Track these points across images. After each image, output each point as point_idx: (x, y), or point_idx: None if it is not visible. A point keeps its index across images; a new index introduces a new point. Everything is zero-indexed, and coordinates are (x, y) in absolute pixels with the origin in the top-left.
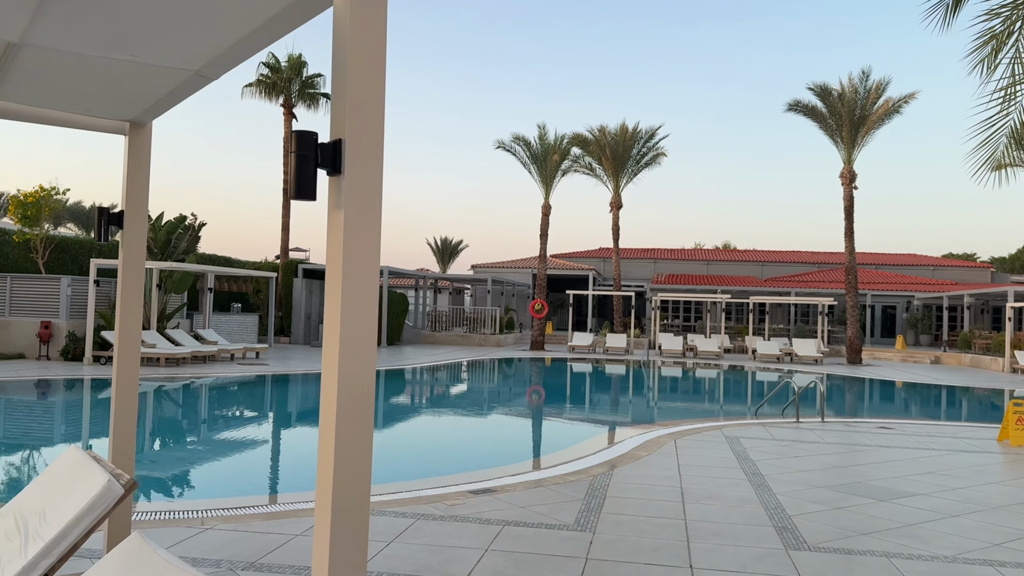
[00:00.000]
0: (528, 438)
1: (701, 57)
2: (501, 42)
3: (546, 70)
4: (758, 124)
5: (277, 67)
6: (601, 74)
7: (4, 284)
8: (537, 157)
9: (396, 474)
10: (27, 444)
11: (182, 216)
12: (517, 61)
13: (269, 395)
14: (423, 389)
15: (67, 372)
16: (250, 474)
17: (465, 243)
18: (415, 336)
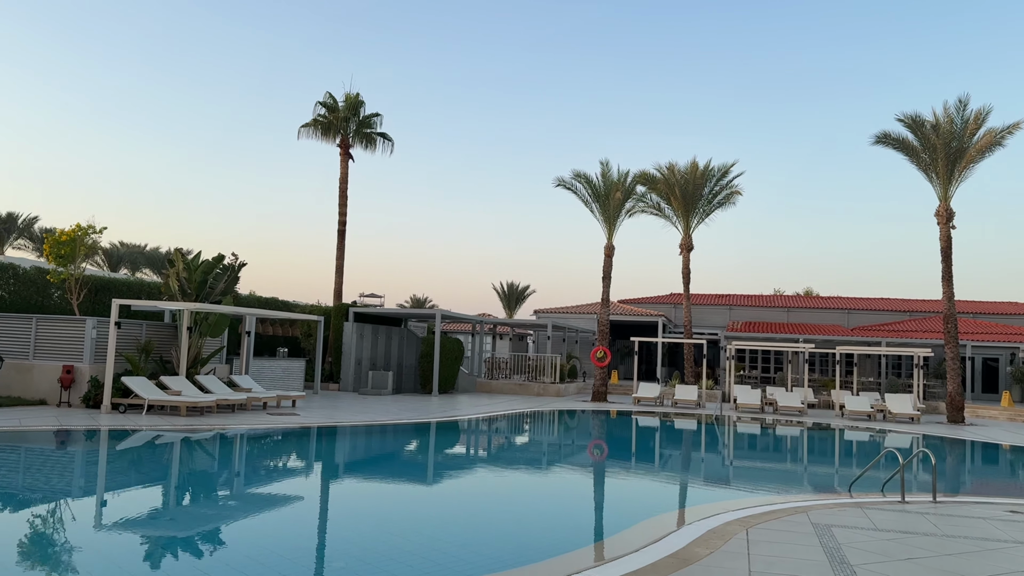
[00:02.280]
0: (573, 514)
1: (776, 89)
2: (560, 76)
3: (611, 105)
4: (842, 160)
5: (334, 106)
6: (669, 111)
7: (29, 325)
8: (599, 195)
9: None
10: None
11: (220, 255)
12: (580, 95)
13: (277, 454)
14: (469, 447)
15: (76, 421)
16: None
17: (532, 288)
18: (470, 384)
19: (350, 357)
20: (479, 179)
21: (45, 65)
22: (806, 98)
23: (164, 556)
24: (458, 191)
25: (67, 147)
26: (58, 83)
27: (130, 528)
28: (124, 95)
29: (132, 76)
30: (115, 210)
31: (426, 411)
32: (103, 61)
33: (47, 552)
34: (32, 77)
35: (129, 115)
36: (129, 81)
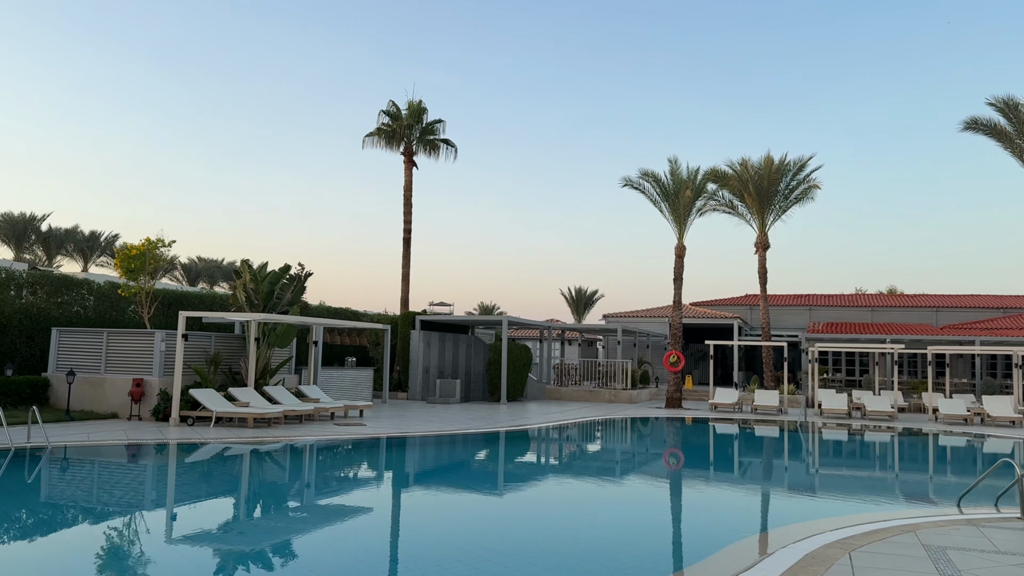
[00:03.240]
0: (649, 537)
1: (854, 74)
2: (623, 76)
3: (677, 103)
4: (925, 149)
5: (397, 115)
6: (739, 107)
7: (100, 339)
8: (668, 194)
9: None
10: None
11: (287, 266)
12: (644, 94)
13: (342, 465)
14: (538, 457)
15: (143, 435)
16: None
17: (600, 292)
18: (539, 391)
19: (418, 365)
20: (544, 183)
21: (125, 89)
22: (884, 87)
23: (235, 569)
24: (523, 196)
25: (144, 167)
26: (138, 107)
27: (200, 541)
28: (195, 115)
29: (201, 95)
30: (191, 226)
31: (494, 420)
32: (173, 83)
33: (120, 566)
34: (113, 101)
35: (202, 133)
36: (199, 101)
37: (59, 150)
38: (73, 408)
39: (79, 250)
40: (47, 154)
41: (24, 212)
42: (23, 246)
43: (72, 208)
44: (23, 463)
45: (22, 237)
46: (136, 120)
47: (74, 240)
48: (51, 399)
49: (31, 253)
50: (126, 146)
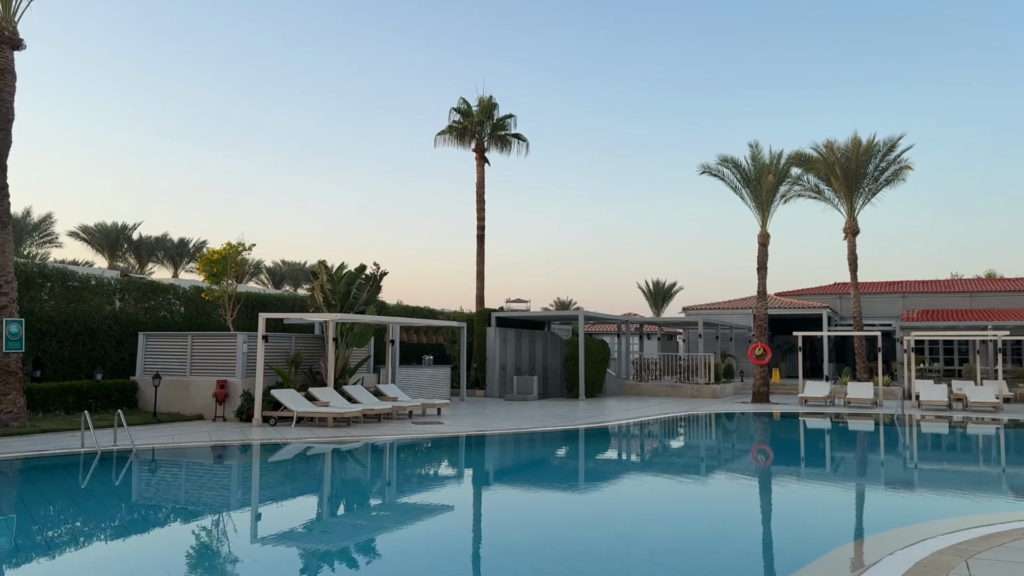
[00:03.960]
0: (738, 542)
1: (945, 49)
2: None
3: (755, 86)
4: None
5: (468, 111)
6: (821, 87)
7: (185, 343)
8: (749, 180)
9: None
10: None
11: (362, 266)
12: (722, 79)
13: (419, 464)
14: (619, 455)
15: (226, 436)
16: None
17: (679, 285)
18: (618, 386)
19: (494, 363)
20: (619, 174)
21: (202, 103)
22: (978, 61)
23: (320, 568)
24: (597, 188)
25: (226, 175)
26: (216, 120)
27: (285, 541)
28: (271, 123)
29: (274, 102)
30: (275, 231)
31: (573, 417)
32: (247, 93)
33: (207, 566)
34: (192, 114)
35: (278, 140)
36: (273, 108)
37: (148, 162)
38: (160, 410)
39: (169, 257)
40: (137, 166)
41: (116, 222)
42: (116, 254)
43: (161, 217)
44: (109, 466)
45: (115, 246)
46: (216, 132)
47: (164, 247)
48: (139, 402)
49: (124, 261)
50: (209, 156)
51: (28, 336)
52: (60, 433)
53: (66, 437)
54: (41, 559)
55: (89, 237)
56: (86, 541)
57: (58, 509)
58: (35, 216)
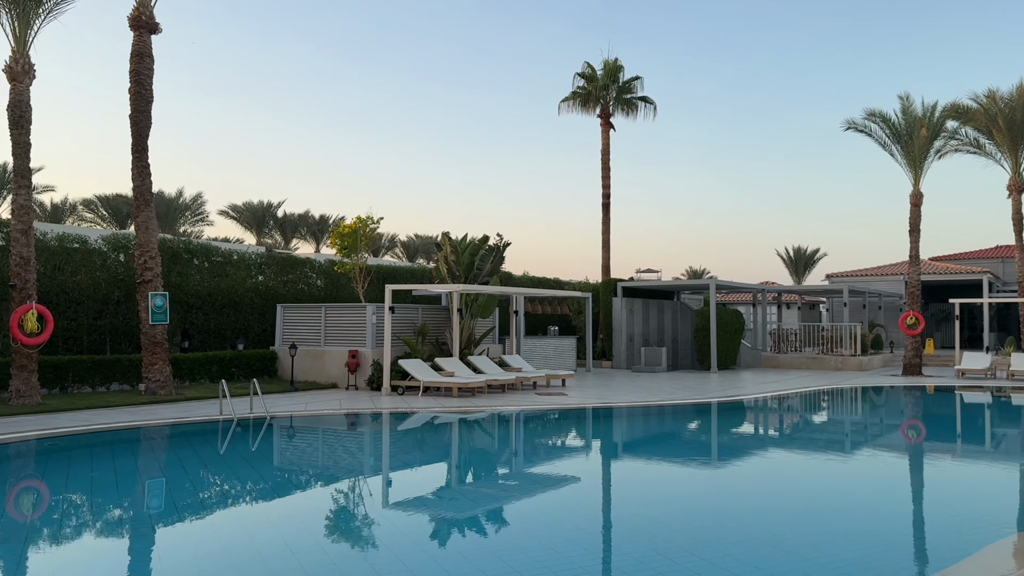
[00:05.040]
0: (884, 528)
1: None
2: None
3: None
4: None
5: (592, 76)
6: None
7: (319, 314)
8: (900, 135)
9: None
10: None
11: (485, 237)
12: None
13: (543, 435)
14: (754, 430)
15: (355, 404)
16: None
17: (822, 251)
18: (754, 358)
19: (621, 334)
20: (753, 136)
21: (338, 81)
22: None
23: (449, 534)
24: (731, 151)
25: (360, 152)
26: (351, 97)
27: (415, 507)
28: (399, 98)
29: (402, 79)
30: (408, 206)
31: (704, 390)
32: (374, 71)
33: (345, 526)
34: (328, 92)
35: (406, 113)
36: (401, 84)
37: (291, 140)
38: (297, 379)
39: (311, 232)
40: (280, 145)
41: (262, 200)
42: (263, 231)
43: (304, 195)
44: (246, 433)
45: (262, 223)
46: (351, 110)
47: (306, 224)
48: (278, 371)
49: (270, 237)
50: (347, 134)
51: (176, 309)
52: (203, 401)
53: (208, 405)
54: (179, 520)
55: (238, 215)
56: (222, 504)
57: (195, 473)
58: (187, 196)
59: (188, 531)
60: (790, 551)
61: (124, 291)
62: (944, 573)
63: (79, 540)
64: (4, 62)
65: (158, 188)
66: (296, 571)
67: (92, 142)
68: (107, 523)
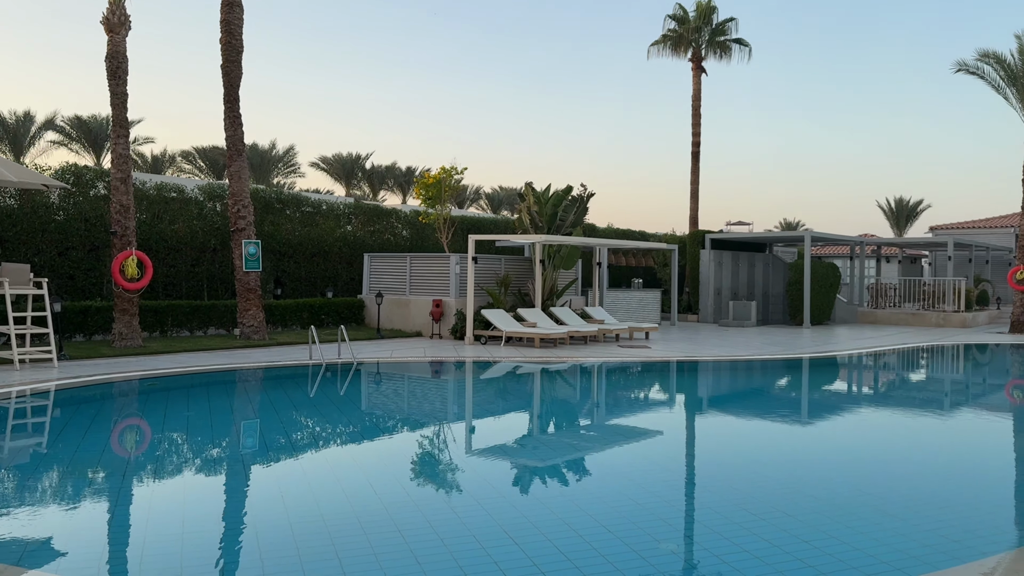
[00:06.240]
0: (980, 497)
1: None
2: None
3: None
4: None
5: (684, 18)
6: None
7: (404, 263)
8: (1016, 76)
9: None
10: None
11: (568, 187)
12: None
13: (624, 387)
14: (847, 387)
15: (440, 352)
16: None
17: (926, 202)
18: (850, 314)
19: (708, 287)
20: (854, 80)
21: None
22: None
23: (531, 481)
24: (830, 97)
25: (449, 104)
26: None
27: (497, 454)
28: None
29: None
30: (494, 156)
31: (796, 345)
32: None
33: (428, 470)
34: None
35: (496, 62)
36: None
37: (379, 92)
38: (383, 327)
39: (398, 184)
40: (370, 97)
41: (351, 152)
42: (352, 183)
43: (392, 147)
44: (335, 377)
45: (350, 175)
46: (438, 60)
47: (393, 176)
48: (365, 319)
49: (358, 189)
50: (433, 83)
51: (268, 257)
52: (294, 346)
53: (298, 350)
54: (269, 460)
55: (328, 167)
56: (311, 445)
57: (286, 415)
58: (280, 148)
59: (278, 471)
60: (882, 510)
61: (220, 239)
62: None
63: (174, 476)
64: (102, 14)
65: (251, 140)
66: (380, 511)
67: (191, 95)
68: (201, 460)
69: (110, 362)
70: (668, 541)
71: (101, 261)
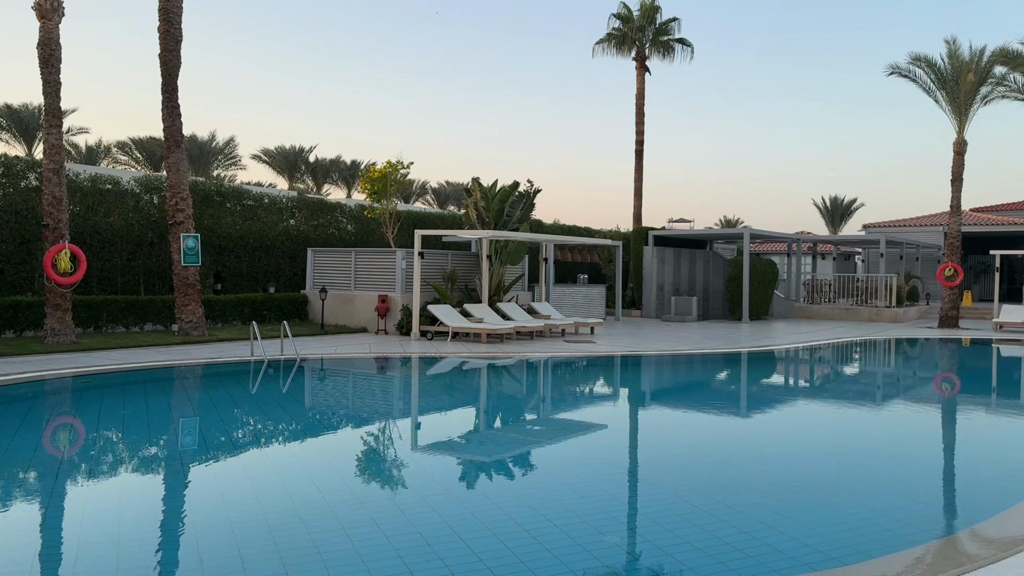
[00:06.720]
0: (913, 485)
1: None
2: None
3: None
4: None
5: (628, 17)
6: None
7: (349, 259)
8: (946, 80)
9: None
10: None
11: (515, 183)
12: None
13: (569, 382)
14: (784, 381)
15: (385, 348)
16: None
17: (860, 201)
18: (787, 309)
19: (651, 283)
20: (791, 82)
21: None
22: None
23: (476, 477)
24: (768, 98)
25: (395, 98)
26: (392, 46)
27: (442, 449)
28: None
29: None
30: (440, 152)
31: (735, 340)
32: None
33: (372, 467)
34: (366, 39)
35: (445, 60)
36: (429, 15)
37: (324, 85)
38: (327, 323)
39: (342, 178)
40: (313, 90)
41: (294, 145)
42: (295, 176)
43: (336, 140)
44: (277, 374)
45: (294, 168)
46: (383, 54)
47: (338, 169)
48: (308, 314)
49: (302, 182)
50: (378, 77)
51: (209, 251)
52: (235, 342)
53: (239, 346)
54: (208, 459)
55: (270, 159)
56: (252, 443)
57: (226, 412)
58: (220, 140)
59: (217, 469)
60: (818, 501)
61: (157, 233)
62: (974, 529)
63: (109, 477)
64: (34, 0)
65: (191, 131)
66: (323, 508)
67: (128, 84)
68: (138, 460)
69: (41, 359)
70: (612, 534)
71: (33, 255)
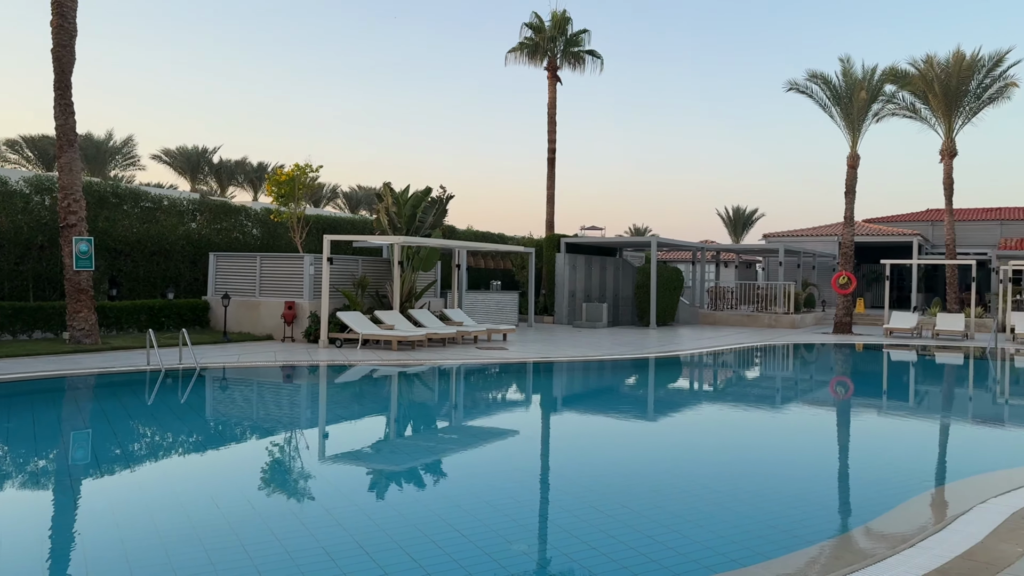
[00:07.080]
0: (812, 485)
1: None
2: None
3: None
4: None
5: (540, 27)
6: None
7: (254, 263)
8: (840, 97)
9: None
10: None
11: (428, 188)
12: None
13: (479, 389)
14: (689, 385)
15: (291, 356)
16: None
17: (760, 211)
18: (692, 315)
19: (563, 289)
20: (697, 96)
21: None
22: None
23: (387, 486)
24: (675, 110)
25: (299, 99)
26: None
27: (350, 460)
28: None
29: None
30: (352, 155)
31: (643, 345)
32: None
33: (275, 480)
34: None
35: (348, 61)
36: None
37: (229, 84)
38: (231, 330)
39: (248, 180)
40: (217, 89)
41: (197, 145)
42: (197, 177)
43: (242, 142)
44: (175, 384)
45: (196, 169)
46: (292, 54)
47: (243, 171)
48: (211, 321)
49: (205, 184)
50: (287, 77)
51: (104, 255)
52: (130, 351)
53: (135, 355)
54: (100, 474)
55: (171, 160)
56: (147, 457)
57: (120, 425)
58: (117, 139)
59: (110, 485)
60: (719, 504)
61: (48, 236)
62: (867, 526)
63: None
64: None
65: (86, 129)
66: (222, 526)
67: (19, 80)
68: (22, 477)
69: None
70: (520, 542)
71: None
